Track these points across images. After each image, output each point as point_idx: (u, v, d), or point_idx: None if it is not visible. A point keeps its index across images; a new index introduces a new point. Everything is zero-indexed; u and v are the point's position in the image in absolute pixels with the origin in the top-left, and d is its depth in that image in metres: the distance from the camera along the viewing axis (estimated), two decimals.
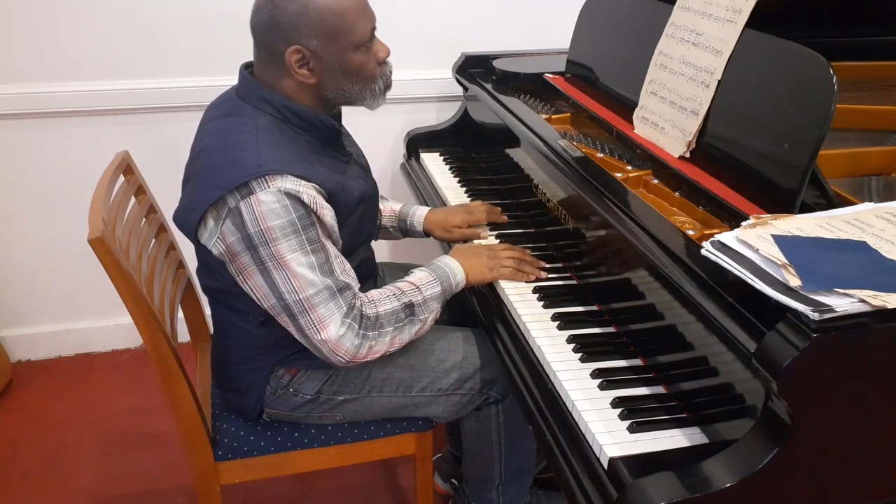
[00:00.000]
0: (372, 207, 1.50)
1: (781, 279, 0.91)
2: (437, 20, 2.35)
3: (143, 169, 1.61)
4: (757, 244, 0.96)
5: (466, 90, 2.12)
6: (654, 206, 1.28)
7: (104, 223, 1.27)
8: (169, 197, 1.49)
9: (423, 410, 1.51)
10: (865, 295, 0.87)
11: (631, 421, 1.10)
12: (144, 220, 1.57)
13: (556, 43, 2.12)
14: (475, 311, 1.54)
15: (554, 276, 1.52)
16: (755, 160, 1.24)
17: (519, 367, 1.32)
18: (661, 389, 1.19)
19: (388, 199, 1.78)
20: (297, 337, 1.32)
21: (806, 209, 1.13)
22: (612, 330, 1.35)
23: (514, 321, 1.41)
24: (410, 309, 1.38)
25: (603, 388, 1.19)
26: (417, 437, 1.56)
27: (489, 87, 1.98)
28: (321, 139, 1.36)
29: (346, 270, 1.32)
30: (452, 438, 1.96)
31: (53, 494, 1.96)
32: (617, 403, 1.15)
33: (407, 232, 1.76)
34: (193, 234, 1.29)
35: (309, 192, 1.25)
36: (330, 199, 1.30)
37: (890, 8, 1.69)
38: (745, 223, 1.03)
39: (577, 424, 1.14)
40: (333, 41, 1.28)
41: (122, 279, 1.26)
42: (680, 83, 1.42)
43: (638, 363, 1.25)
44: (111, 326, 2.50)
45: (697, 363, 1.10)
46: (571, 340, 1.31)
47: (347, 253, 1.38)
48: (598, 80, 1.77)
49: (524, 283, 1.49)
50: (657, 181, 1.42)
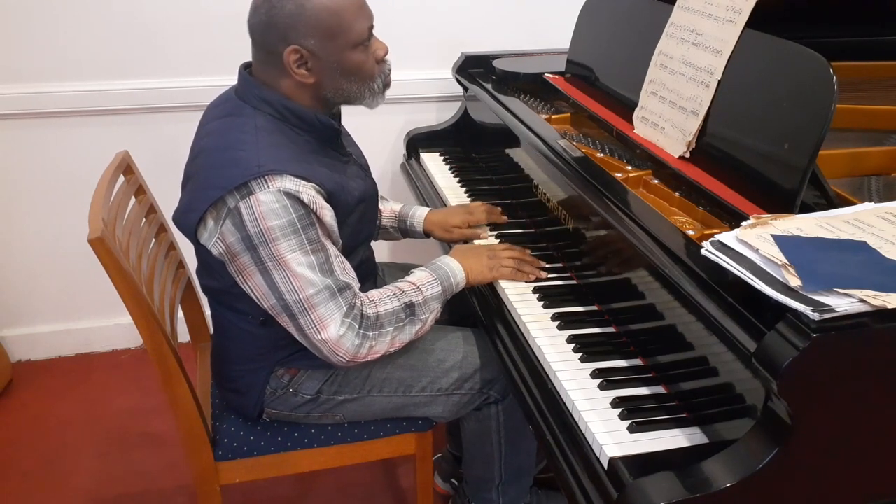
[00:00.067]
0: (371, 207, 1.50)
1: (781, 279, 0.91)
2: (437, 20, 2.35)
3: (143, 169, 1.61)
4: (757, 244, 0.96)
5: (466, 90, 2.12)
6: (654, 206, 1.28)
7: (104, 223, 1.27)
8: (169, 197, 1.49)
9: (423, 410, 1.51)
10: (865, 295, 0.87)
11: (631, 421, 1.10)
12: (144, 220, 1.57)
13: (556, 43, 2.11)
14: (475, 311, 1.54)
15: (554, 276, 1.52)
16: (755, 160, 1.24)
17: (519, 367, 1.32)
18: (661, 389, 1.19)
19: (387, 199, 1.78)
20: (297, 337, 1.32)
21: (806, 209, 1.13)
22: (612, 330, 1.35)
23: (514, 321, 1.41)
24: (411, 309, 1.38)
25: (603, 388, 1.19)
26: (417, 437, 1.56)
27: (489, 87, 1.98)
28: (320, 139, 1.36)
29: (346, 270, 1.32)
30: (452, 438, 1.96)
31: (53, 494, 1.96)
32: (617, 403, 1.15)
33: (407, 232, 1.76)
34: (193, 234, 1.29)
35: (308, 191, 1.25)
36: (329, 198, 1.30)
37: (890, 8, 1.69)
38: (745, 223, 1.03)
39: (577, 424, 1.14)
40: (331, 40, 1.28)
41: (122, 279, 1.26)
42: (680, 83, 1.42)
43: (638, 363, 1.25)
44: (111, 326, 2.51)
45: (697, 363, 1.10)
46: (571, 340, 1.31)
47: (347, 253, 1.38)
48: (598, 80, 1.77)
49: (524, 283, 1.49)
50: (657, 181, 1.42)
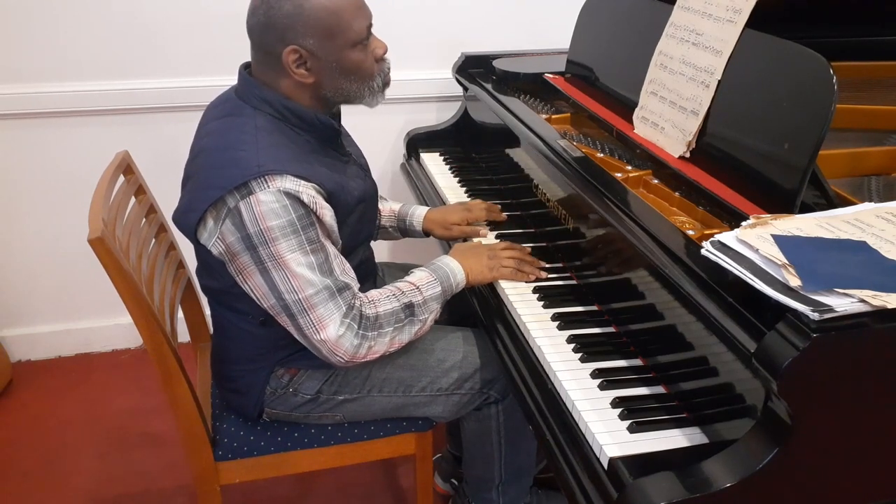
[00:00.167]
0: (371, 207, 1.50)
1: (781, 279, 0.91)
2: (437, 20, 2.35)
3: (143, 169, 1.61)
4: (757, 244, 0.96)
5: (466, 90, 2.12)
6: (654, 206, 1.28)
7: (104, 223, 1.27)
8: (169, 197, 1.49)
9: (423, 410, 1.51)
10: (865, 295, 0.87)
11: (631, 421, 1.10)
12: (144, 220, 1.57)
13: (556, 43, 2.12)
14: (475, 311, 1.54)
15: (554, 276, 1.52)
16: (755, 160, 1.24)
17: (519, 367, 1.32)
18: (661, 389, 1.19)
19: (387, 199, 1.78)
20: (296, 337, 1.32)
21: (806, 209, 1.13)
22: (612, 330, 1.35)
23: (514, 321, 1.41)
24: (410, 309, 1.38)
25: (603, 388, 1.19)
26: (417, 437, 1.56)
27: (489, 87, 1.98)
28: (320, 139, 1.36)
29: (345, 270, 1.32)
30: (452, 438, 1.96)
31: (53, 494, 1.96)
32: (617, 403, 1.15)
33: (406, 232, 1.76)
34: (193, 234, 1.29)
35: (308, 191, 1.24)
36: (329, 198, 1.30)
37: (890, 8, 1.69)
38: (745, 223, 1.03)
39: (577, 424, 1.14)
40: (330, 40, 1.28)
41: (122, 279, 1.26)
42: (680, 83, 1.42)
43: (638, 363, 1.25)
44: (111, 326, 2.51)
45: (697, 363, 1.10)
46: (571, 340, 1.31)
47: (347, 253, 1.38)
48: (598, 80, 1.77)
49: (524, 283, 1.49)
50: (657, 181, 1.42)
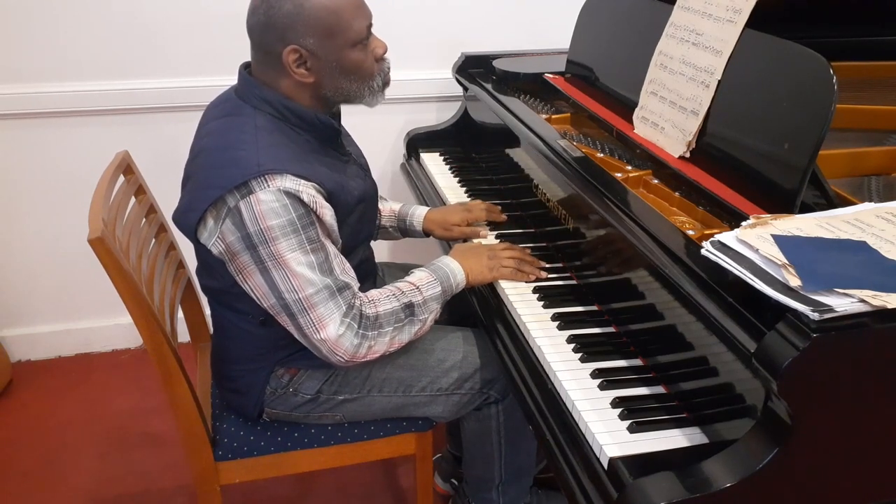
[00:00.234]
0: (371, 207, 1.50)
1: (781, 279, 0.91)
2: (437, 20, 2.35)
3: (143, 169, 1.61)
4: (757, 244, 0.96)
5: (466, 90, 2.12)
6: (654, 206, 1.28)
7: (104, 223, 1.27)
8: (169, 197, 1.49)
9: (423, 410, 1.51)
10: (865, 295, 0.87)
11: (631, 421, 1.10)
12: (144, 220, 1.57)
13: (556, 43, 2.11)
14: (475, 311, 1.54)
15: (554, 276, 1.52)
16: (755, 160, 1.24)
17: (519, 367, 1.32)
18: (661, 389, 1.19)
19: (387, 199, 1.78)
20: (296, 336, 1.32)
21: (806, 209, 1.13)
22: (612, 330, 1.35)
23: (514, 321, 1.41)
24: (410, 309, 1.38)
25: (603, 388, 1.19)
26: (417, 437, 1.56)
27: (489, 87, 1.98)
28: (320, 139, 1.36)
29: (345, 270, 1.32)
30: (452, 438, 1.96)
31: (53, 494, 1.96)
32: (617, 403, 1.15)
33: (406, 232, 1.76)
34: (193, 233, 1.29)
35: (308, 191, 1.25)
36: (329, 198, 1.30)
37: (890, 8, 1.69)
38: (745, 223, 1.03)
39: (577, 424, 1.14)
40: (330, 39, 1.28)
41: (122, 279, 1.26)
42: (680, 83, 1.42)
43: (638, 363, 1.25)
44: (111, 326, 2.51)
45: (697, 363, 1.10)
46: (571, 340, 1.31)
47: (347, 252, 1.38)
48: (598, 80, 1.77)
49: (524, 283, 1.49)
50: (657, 181, 1.42)
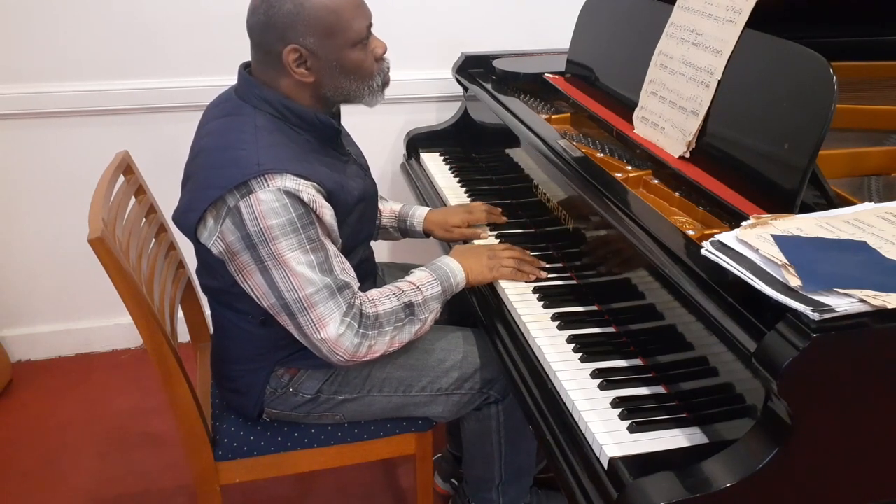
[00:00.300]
0: (371, 207, 1.50)
1: (781, 279, 0.91)
2: (437, 20, 2.35)
3: (143, 169, 1.61)
4: (757, 244, 0.96)
5: (466, 90, 2.12)
6: (654, 206, 1.28)
7: (104, 223, 1.27)
8: (169, 197, 1.49)
9: (423, 410, 1.51)
10: (865, 295, 0.87)
11: (631, 421, 1.10)
12: (144, 220, 1.57)
13: (556, 43, 2.11)
14: (475, 311, 1.54)
15: (554, 276, 1.52)
16: (755, 160, 1.24)
17: (519, 367, 1.32)
18: (661, 389, 1.19)
19: (387, 199, 1.78)
20: (296, 336, 1.32)
21: (806, 209, 1.13)
22: (612, 330, 1.35)
23: (514, 321, 1.41)
24: (410, 309, 1.38)
25: (603, 388, 1.19)
26: (417, 437, 1.56)
27: (489, 87, 1.97)
28: (320, 138, 1.36)
29: (345, 269, 1.32)
30: (452, 438, 1.96)
31: (53, 494, 1.96)
32: (617, 403, 1.15)
33: (407, 232, 1.76)
34: (193, 233, 1.29)
35: (308, 190, 1.25)
36: (329, 198, 1.30)
37: (890, 8, 1.69)
38: (745, 223, 1.03)
39: (577, 424, 1.14)
40: (330, 39, 1.28)
41: (122, 279, 1.26)
42: (680, 83, 1.42)
43: (638, 363, 1.25)
44: (111, 326, 2.50)
45: (697, 363, 1.10)
46: (571, 340, 1.31)
47: (347, 252, 1.38)
48: (598, 80, 1.77)
49: (524, 283, 1.49)
50: (657, 181, 1.42)
